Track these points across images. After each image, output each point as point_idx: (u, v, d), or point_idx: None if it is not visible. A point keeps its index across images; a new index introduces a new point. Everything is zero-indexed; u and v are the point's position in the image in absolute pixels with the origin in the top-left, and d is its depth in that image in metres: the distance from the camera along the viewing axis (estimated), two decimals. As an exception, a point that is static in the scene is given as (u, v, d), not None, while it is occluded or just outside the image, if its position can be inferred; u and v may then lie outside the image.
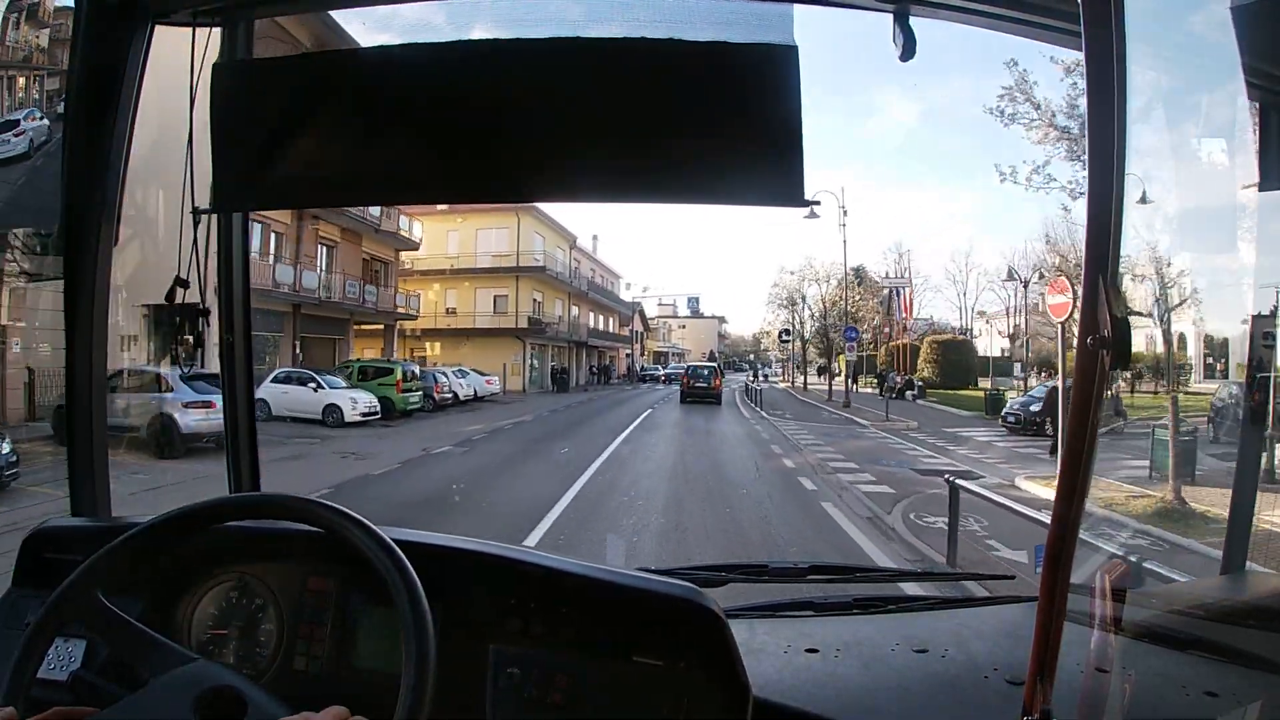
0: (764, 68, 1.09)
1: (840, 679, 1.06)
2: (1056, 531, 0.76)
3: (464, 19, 1.20)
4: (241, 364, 1.47)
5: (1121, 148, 0.72)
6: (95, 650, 0.96)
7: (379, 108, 1.15)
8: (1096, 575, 0.93)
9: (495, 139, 1.13)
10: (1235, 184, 1.38)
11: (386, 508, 6.98)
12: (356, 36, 1.29)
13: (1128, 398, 14.48)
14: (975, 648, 1.17)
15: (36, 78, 1.47)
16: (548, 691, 0.90)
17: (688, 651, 0.90)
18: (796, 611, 1.29)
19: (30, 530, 1.12)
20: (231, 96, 1.20)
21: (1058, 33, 1.13)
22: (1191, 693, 0.94)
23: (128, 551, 0.85)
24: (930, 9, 1.15)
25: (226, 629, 0.98)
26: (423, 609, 0.78)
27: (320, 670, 0.95)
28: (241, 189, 1.23)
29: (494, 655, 0.93)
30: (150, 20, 1.25)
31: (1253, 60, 1.13)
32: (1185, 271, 12.95)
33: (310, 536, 0.91)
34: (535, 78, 1.12)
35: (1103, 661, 0.96)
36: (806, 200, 1.10)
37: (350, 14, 1.30)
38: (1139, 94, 0.83)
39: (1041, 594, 0.78)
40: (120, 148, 1.27)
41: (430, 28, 1.25)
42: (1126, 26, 0.71)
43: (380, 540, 0.83)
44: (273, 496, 0.91)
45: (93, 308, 1.29)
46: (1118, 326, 0.69)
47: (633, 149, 1.12)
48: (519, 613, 0.94)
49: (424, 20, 1.28)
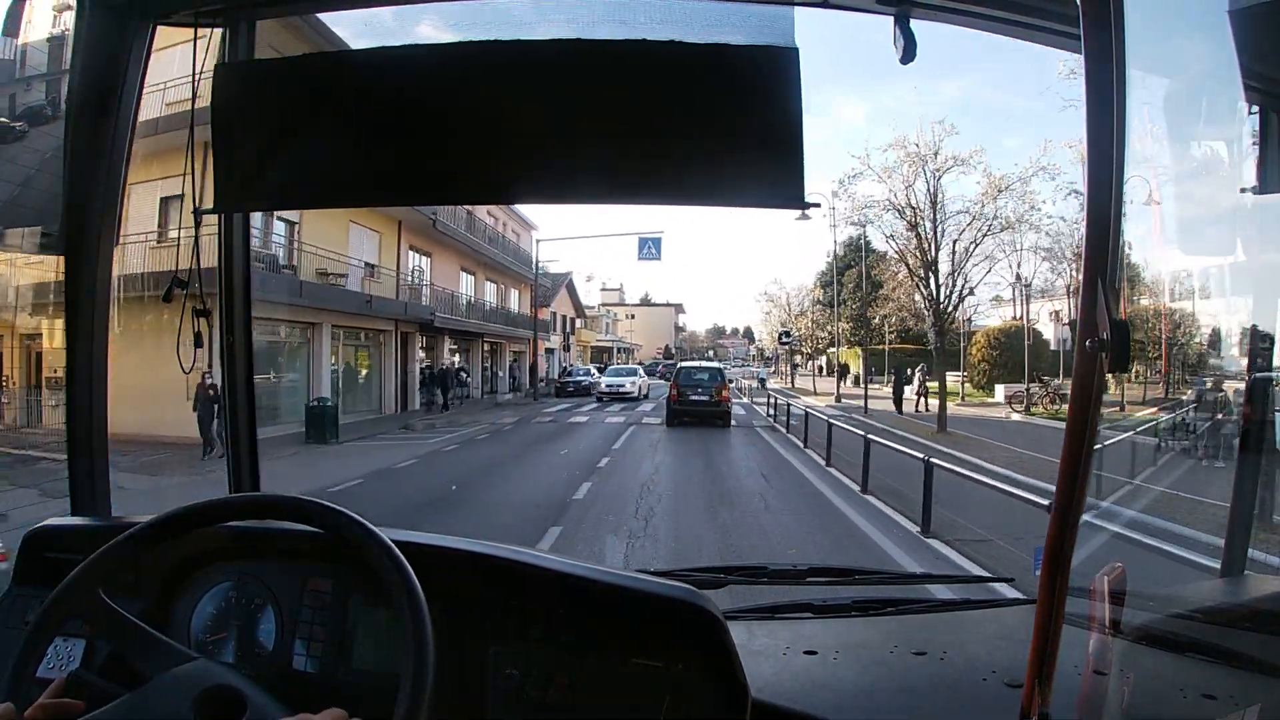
0: (765, 70, 1.09)
1: (839, 681, 1.06)
2: (1055, 534, 0.76)
3: (465, 21, 1.20)
4: (241, 364, 1.47)
5: (1120, 150, 0.72)
6: (94, 650, 0.96)
7: (381, 109, 1.15)
8: (1095, 578, 0.93)
9: (496, 140, 1.13)
10: (1234, 187, 1.38)
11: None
12: (358, 37, 1.29)
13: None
14: (974, 650, 1.17)
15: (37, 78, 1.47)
16: (546, 692, 0.90)
17: (686, 653, 0.90)
18: (795, 613, 1.30)
19: (31, 529, 1.12)
20: (232, 97, 1.20)
21: (1058, 35, 1.13)
22: (1190, 695, 0.94)
23: (129, 550, 0.85)
24: (931, 11, 1.16)
25: (226, 629, 0.98)
26: (422, 610, 0.78)
27: (319, 670, 0.95)
28: (242, 189, 1.23)
29: (493, 656, 0.93)
30: (151, 20, 1.25)
31: (1251, 64, 1.13)
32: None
33: (310, 537, 0.91)
34: (537, 80, 1.13)
35: (1101, 664, 0.96)
36: (806, 202, 1.10)
37: (351, 15, 1.31)
38: (1138, 97, 0.83)
39: (1040, 596, 0.79)
40: (120, 148, 1.28)
41: (432, 29, 1.26)
42: (1126, 29, 0.71)
43: (379, 541, 0.83)
44: (273, 497, 0.91)
45: (93, 308, 1.29)
46: (1117, 329, 0.69)
47: (634, 151, 1.12)
48: (518, 614, 0.94)
49: (426, 22, 1.28)
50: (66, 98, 1.26)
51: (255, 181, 1.22)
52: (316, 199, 1.70)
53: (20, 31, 1.36)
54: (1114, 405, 12.10)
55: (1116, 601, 0.95)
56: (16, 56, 1.39)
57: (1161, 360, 13.89)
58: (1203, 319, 10.73)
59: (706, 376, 16.33)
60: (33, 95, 1.46)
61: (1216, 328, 7.88)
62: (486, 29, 1.15)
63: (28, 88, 1.45)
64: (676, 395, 15.91)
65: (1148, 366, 14.69)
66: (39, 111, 1.41)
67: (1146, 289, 13.29)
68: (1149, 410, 10.76)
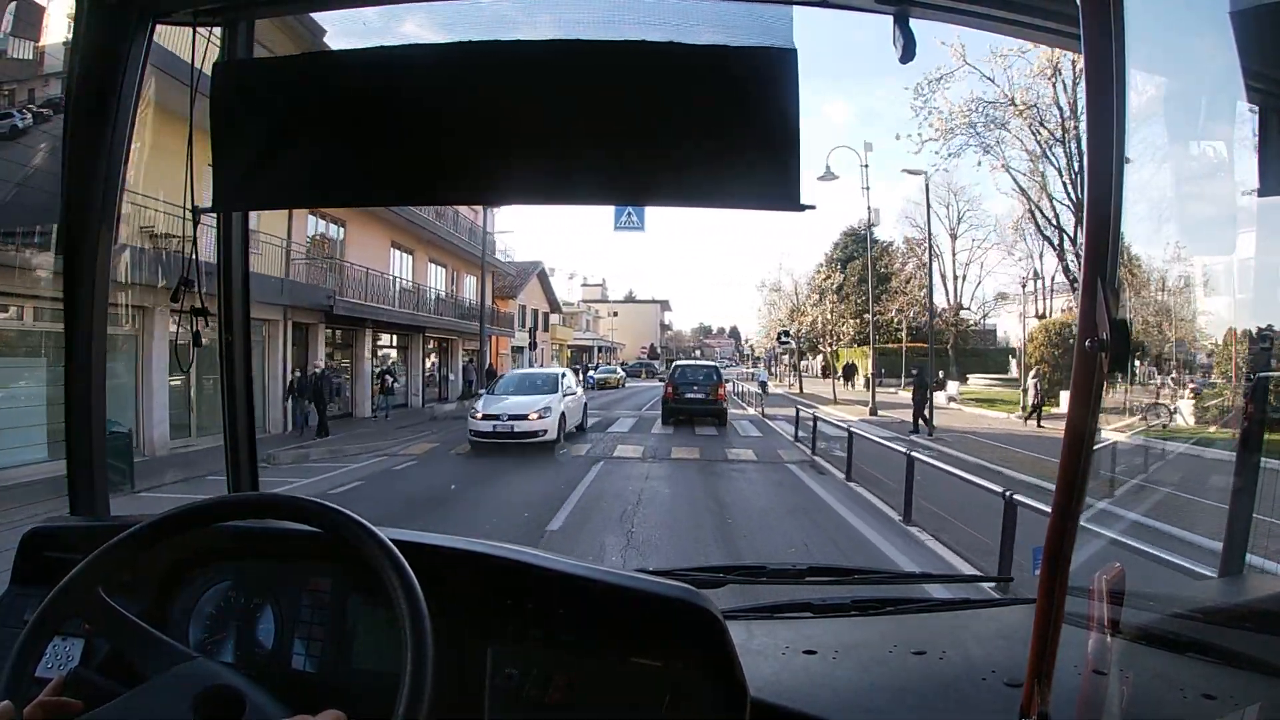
0: (763, 71, 1.09)
1: (838, 680, 1.06)
2: (1055, 533, 0.76)
3: (465, 21, 1.20)
4: (241, 364, 1.47)
5: (1120, 150, 0.72)
6: (93, 650, 0.96)
7: (380, 108, 1.15)
8: (1095, 577, 0.93)
9: (495, 140, 1.13)
10: (1235, 187, 1.38)
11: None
12: (358, 37, 1.29)
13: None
14: (973, 650, 1.17)
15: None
16: (545, 692, 0.90)
17: (685, 652, 0.90)
18: (795, 613, 1.30)
19: (29, 529, 1.12)
20: (232, 96, 1.20)
21: (1057, 35, 1.13)
22: (1189, 695, 0.94)
23: (129, 549, 0.85)
24: (930, 11, 1.16)
25: (225, 628, 0.98)
26: (421, 610, 0.78)
27: (319, 670, 0.95)
28: (241, 189, 1.23)
29: (492, 656, 0.93)
30: (150, 20, 1.25)
31: (1252, 64, 1.13)
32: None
33: (309, 537, 0.91)
34: (535, 80, 1.12)
35: (1101, 664, 0.96)
36: (803, 204, 1.10)
37: (350, 15, 1.31)
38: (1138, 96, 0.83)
39: (1040, 596, 0.79)
40: (120, 147, 1.27)
41: (431, 29, 1.25)
42: (1126, 29, 0.71)
43: (379, 541, 0.83)
44: (272, 496, 0.91)
45: (92, 308, 1.29)
46: (1116, 329, 0.69)
47: (631, 152, 1.12)
48: (517, 613, 0.94)
49: (426, 22, 1.28)
50: (65, 97, 1.26)
51: (254, 180, 1.22)
52: (315, 198, 1.70)
53: (20, 31, 1.36)
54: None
55: (1115, 601, 0.95)
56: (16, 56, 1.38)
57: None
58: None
59: (703, 375, 16.16)
60: (32, 95, 1.46)
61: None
62: (486, 29, 1.15)
63: (27, 87, 1.45)
64: (672, 393, 15.63)
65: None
66: (38, 111, 1.41)
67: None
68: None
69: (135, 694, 0.78)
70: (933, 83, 11.82)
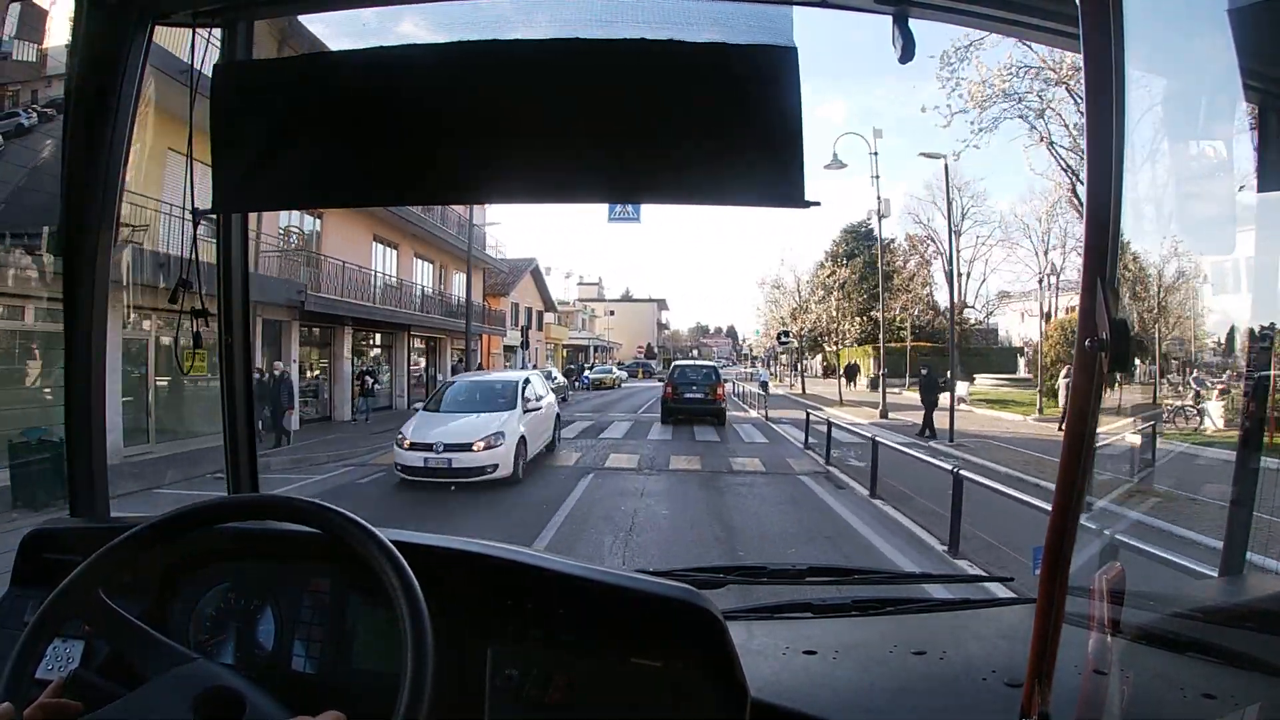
0: (764, 69, 1.09)
1: (838, 680, 1.06)
2: (1055, 533, 0.76)
3: (463, 21, 1.20)
4: (240, 364, 1.47)
5: (1120, 149, 0.72)
6: (94, 650, 0.96)
7: (380, 109, 1.15)
8: (1095, 577, 0.93)
9: (496, 140, 1.13)
10: (1233, 186, 1.38)
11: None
12: (358, 38, 1.29)
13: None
14: (973, 650, 1.17)
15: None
16: (545, 692, 0.90)
17: (686, 653, 0.90)
18: (795, 613, 1.29)
19: (29, 530, 1.12)
20: (231, 97, 1.20)
21: (1057, 34, 1.13)
22: (1189, 695, 0.94)
23: (129, 550, 0.85)
24: (930, 11, 1.15)
25: (225, 629, 0.98)
26: (421, 610, 0.78)
27: (319, 671, 0.95)
28: (241, 190, 1.23)
29: (492, 656, 0.93)
30: (150, 21, 1.25)
31: (1250, 63, 1.13)
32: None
33: (309, 538, 0.91)
34: (535, 79, 1.12)
35: (1101, 663, 0.96)
36: (807, 201, 1.10)
37: (349, 15, 1.31)
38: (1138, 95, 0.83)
39: (1040, 596, 0.78)
40: (120, 148, 1.27)
41: (430, 30, 1.25)
42: (1126, 29, 0.71)
43: (378, 541, 0.83)
44: (272, 497, 0.92)
45: (92, 308, 1.29)
46: (1116, 329, 0.69)
47: (632, 151, 1.12)
48: (517, 614, 0.94)
49: (425, 23, 1.28)
50: (65, 98, 1.26)
51: (254, 182, 1.22)
52: (315, 199, 1.70)
53: (24, 33, 1.36)
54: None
55: (1116, 601, 0.95)
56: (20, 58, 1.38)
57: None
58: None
59: (702, 376, 16.10)
60: (32, 96, 1.45)
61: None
62: (485, 29, 1.14)
63: (31, 88, 1.45)
64: (672, 393, 15.52)
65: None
66: (38, 112, 1.41)
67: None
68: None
69: (135, 695, 0.78)
70: (960, 50, 10.81)
